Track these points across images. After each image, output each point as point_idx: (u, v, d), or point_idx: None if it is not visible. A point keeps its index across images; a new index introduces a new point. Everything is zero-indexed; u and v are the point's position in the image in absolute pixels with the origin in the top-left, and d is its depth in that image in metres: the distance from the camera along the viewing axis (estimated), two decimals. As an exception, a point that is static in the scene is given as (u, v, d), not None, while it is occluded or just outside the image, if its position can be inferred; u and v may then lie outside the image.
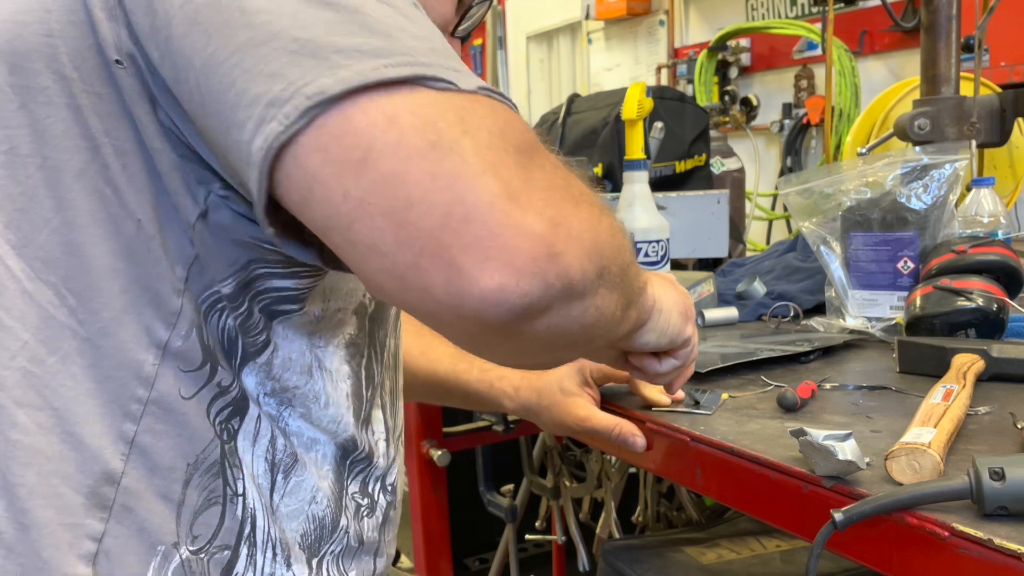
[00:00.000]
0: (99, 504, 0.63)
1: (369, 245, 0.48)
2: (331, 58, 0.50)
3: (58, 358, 0.62)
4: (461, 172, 0.47)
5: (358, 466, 0.76)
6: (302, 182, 0.49)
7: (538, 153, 0.53)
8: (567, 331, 0.55)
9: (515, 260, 0.47)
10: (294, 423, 0.70)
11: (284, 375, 0.69)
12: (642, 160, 1.25)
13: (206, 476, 0.66)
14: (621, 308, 0.62)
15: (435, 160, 0.47)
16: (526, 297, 0.48)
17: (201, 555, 0.65)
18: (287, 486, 0.70)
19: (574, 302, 0.53)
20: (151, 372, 0.63)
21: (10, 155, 0.62)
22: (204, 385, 0.65)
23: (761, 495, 0.79)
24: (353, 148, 0.48)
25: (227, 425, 0.67)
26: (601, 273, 0.54)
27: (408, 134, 0.48)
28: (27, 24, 0.61)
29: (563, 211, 0.51)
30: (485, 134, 0.49)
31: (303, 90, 0.49)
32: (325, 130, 0.48)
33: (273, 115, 0.49)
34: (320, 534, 0.72)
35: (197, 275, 0.63)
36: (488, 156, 0.48)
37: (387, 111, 0.48)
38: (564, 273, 0.50)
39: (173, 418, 0.64)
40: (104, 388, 0.63)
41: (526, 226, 0.48)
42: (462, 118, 0.49)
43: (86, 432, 0.63)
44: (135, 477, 0.63)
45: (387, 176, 0.47)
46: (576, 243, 0.51)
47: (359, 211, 0.48)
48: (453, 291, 0.48)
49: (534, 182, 0.50)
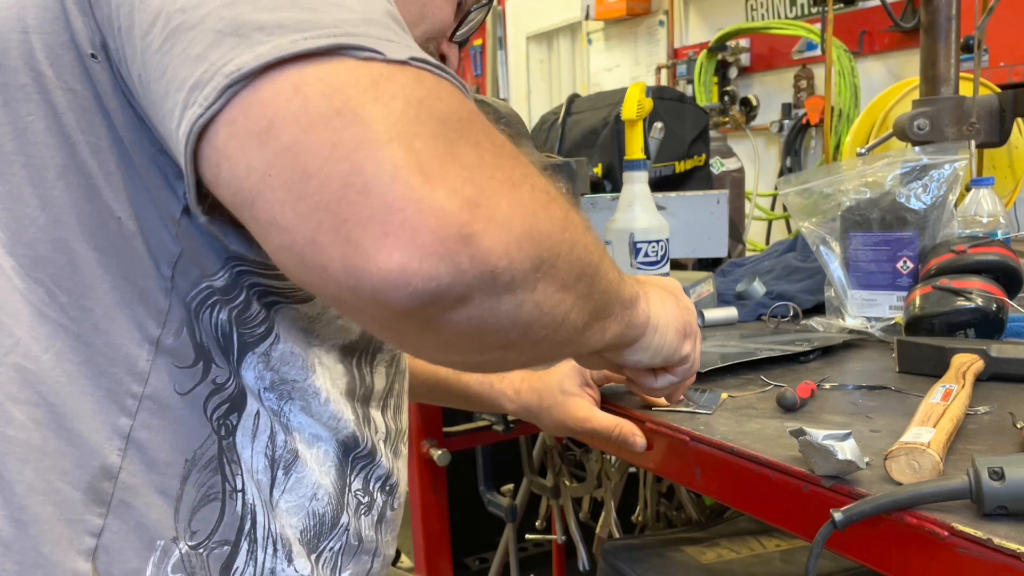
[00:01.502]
0: (97, 499, 0.63)
1: (270, 220, 0.46)
2: (252, 35, 0.48)
3: (52, 355, 0.62)
4: (364, 140, 0.44)
5: (360, 462, 0.76)
6: (212, 159, 0.48)
7: (471, 129, 0.48)
8: (497, 327, 0.50)
9: (417, 238, 0.44)
10: (296, 418, 0.70)
11: (283, 368, 0.68)
12: (642, 160, 1.25)
13: (204, 472, 0.66)
14: (582, 314, 0.58)
15: (337, 128, 0.44)
16: (432, 281, 0.44)
17: (200, 550, 0.66)
18: (288, 482, 0.70)
19: (502, 294, 0.48)
20: (145, 367, 0.63)
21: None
22: (199, 382, 0.65)
23: (761, 495, 0.79)
24: (258, 119, 0.46)
25: (225, 421, 0.66)
26: (538, 265, 0.50)
27: (312, 101, 0.45)
28: (4, 20, 0.61)
29: (488, 191, 0.46)
30: (400, 102, 0.46)
31: (222, 70, 0.47)
32: (235, 104, 0.47)
33: (195, 99, 0.48)
34: (320, 530, 0.72)
35: (183, 272, 0.63)
36: (399, 125, 0.45)
37: (295, 80, 0.46)
38: (481, 258, 0.45)
39: (169, 413, 0.64)
40: (99, 384, 0.63)
41: (434, 201, 0.44)
42: (376, 84, 0.46)
43: (82, 428, 0.63)
44: (132, 472, 0.63)
45: (288, 146, 0.45)
46: (500, 227, 0.46)
47: (260, 184, 0.45)
48: (349, 269, 0.44)
49: (456, 157, 0.46)
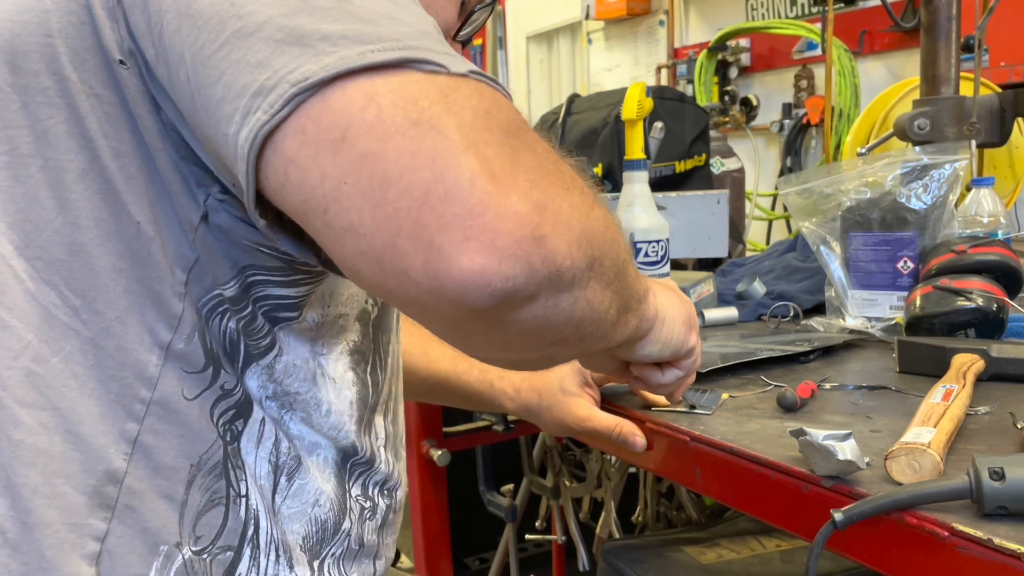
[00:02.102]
0: (102, 504, 0.63)
1: (346, 227, 0.47)
2: (317, 45, 0.49)
3: (61, 358, 0.62)
4: (442, 150, 0.46)
5: (358, 469, 0.76)
6: (279, 167, 0.49)
7: (528, 136, 0.51)
8: (555, 324, 0.53)
9: (497, 241, 0.46)
10: (295, 427, 0.70)
11: (286, 380, 0.69)
12: (642, 160, 1.25)
13: (209, 477, 0.66)
14: (616, 309, 0.60)
15: (415, 138, 0.46)
16: (509, 281, 0.47)
17: (204, 556, 0.65)
18: (290, 488, 0.70)
19: (563, 292, 0.51)
20: (154, 373, 0.63)
21: (12, 155, 0.62)
22: (207, 387, 0.65)
23: (761, 495, 0.79)
24: (331, 128, 0.47)
25: (230, 427, 0.66)
26: (591, 264, 0.52)
27: (387, 111, 0.46)
28: (27, 24, 0.61)
29: (551, 194, 0.49)
30: (469, 113, 0.48)
31: (287, 78, 0.48)
32: (303, 113, 0.48)
33: (258, 105, 0.49)
34: (322, 536, 0.73)
35: (197, 278, 0.63)
36: (471, 135, 0.47)
37: (367, 91, 0.47)
38: (550, 258, 0.48)
39: (176, 419, 0.64)
40: (107, 388, 0.63)
41: (509, 206, 0.46)
42: (445, 96, 0.48)
43: (89, 432, 0.63)
44: (138, 477, 0.63)
45: (365, 155, 0.46)
46: (564, 228, 0.49)
47: (336, 192, 0.47)
48: (431, 273, 0.46)
49: (520, 163, 0.48)
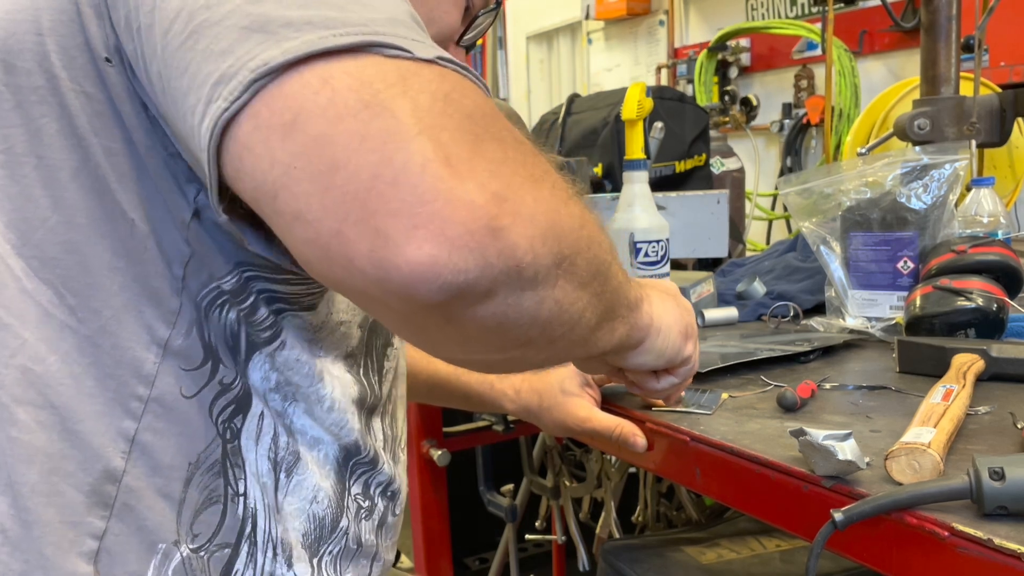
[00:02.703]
0: (100, 502, 0.63)
1: (294, 214, 0.45)
2: (279, 32, 0.48)
3: (58, 356, 0.62)
4: (393, 132, 0.44)
5: (360, 468, 0.76)
6: (234, 153, 0.47)
7: (495, 125, 0.49)
8: (518, 324, 0.50)
9: (446, 230, 0.43)
10: (299, 420, 0.70)
11: (288, 372, 0.69)
12: (642, 160, 1.25)
13: (207, 475, 0.66)
14: (595, 314, 0.58)
15: (365, 120, 0.44)
16: (461, 274, 0.44)
17: (201, 553, 0.66)
18: (289, 484, 0.70)
19: (525, 290, 0.48)
20: (152, 370, 0.63)
21: (8, 155, 0.62)
22: (206, 384, 0.65)
23: (761, 495, 0.79)
24: (283, 111, 0.45)
25: (230, 424, 0.66)
26: (559, 262, 0.50)
27: (340, 93, 0.45)
28: (20, 23, 0.61)
29: (514, 185, 0.46)
30: (427, 97, 0.46)
31: (248, 64, 0.47)
32: (259, 99, 0.47)
33: (219, 93, 0.48)
34: (320, 534, 0.72)
35: (194, 273, 0.63)
36: (426, 119, 0.45)
37: (323, 75, 0.46)
38: (508, 252, 0.45)
39: (174, 416, 0.64)
40: (105, 386, 0.63)
41: (463, 194, 0.44)
42: (404, 79, 0.46)
43: (87, 430, 0.62)
44: (136, 475, 0.63)
45: (315, 138, 0.44)
46: (526, 222, 0.46)
47: (285, 177, 0.45)
48: (377, 261, 0.44)
49: (482, 152, 0.46)
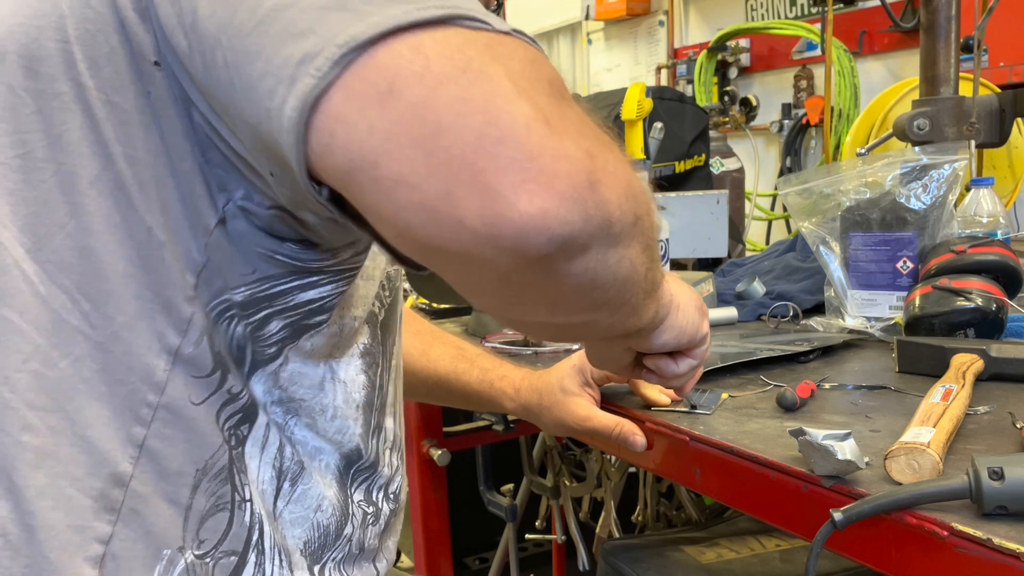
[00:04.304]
0: (107, 507, 0.63)
1: (396, 179, 0.45)
2: (361, 8, 0.48)
3: (70, 362, 0.62)
4: (494, 94, 0.45)
5: (361, 475, 0.76)
6: (324, 127, 0.47)
7: (568, 93, 0.51)
8: (603, 281, 0.52)
9: (555, 183, 0.45)
10: (299, 432, 0.70)
11: (291, 387, 0.69)
12: (642, 160, 1.25)
13: (215, 482, 0.66)
14: (648, 281, 0.60)
15: (465, 84, 0.45)
16: (567, 226, 0.45)
17: (206, 560, 0.66)
18: (293, 493, 0.70)
19: (612, 247, 0.50)
20: (162, 378, 0.63)
21: (26, 159, 0.62)
22: (214, 391, 0.65)
23: (761, 495, 0.79)
24: (377, 81, 0.45)
25: (236, 431, 0.67)
26: (636, 220, 0.51)
27: (435, 61, 0.45)
28: (43, 29, 0.61)
29: (597, 146, 0.48)
30: (517, 63, 0.47)
31: (334, 40, 0.47)
32: (350, 72, 0.46)
33: (305, 71, 0.47)
34: (323, 542, 0.73)
35: (206, 283, 0.63)
36: (520, 82, 0.46)
37: (413, 44, 0.46)
38: (603, 205, 0.47)
39: (183, 423, 0.64)
40: (115, 392, 0.63)
41: (565, 150, 0.45)
42: (491, 47, 0.47)
43: (96, 435, 0.63)
44: (144, 481, 0.63)
45: (415, 104, 0.44)
46: (613, 178, 0.48)
47: (386, 144, 0.45)
48: (489, 218, 0.44)
49: (568, 115, 0.48)
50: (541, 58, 0.51)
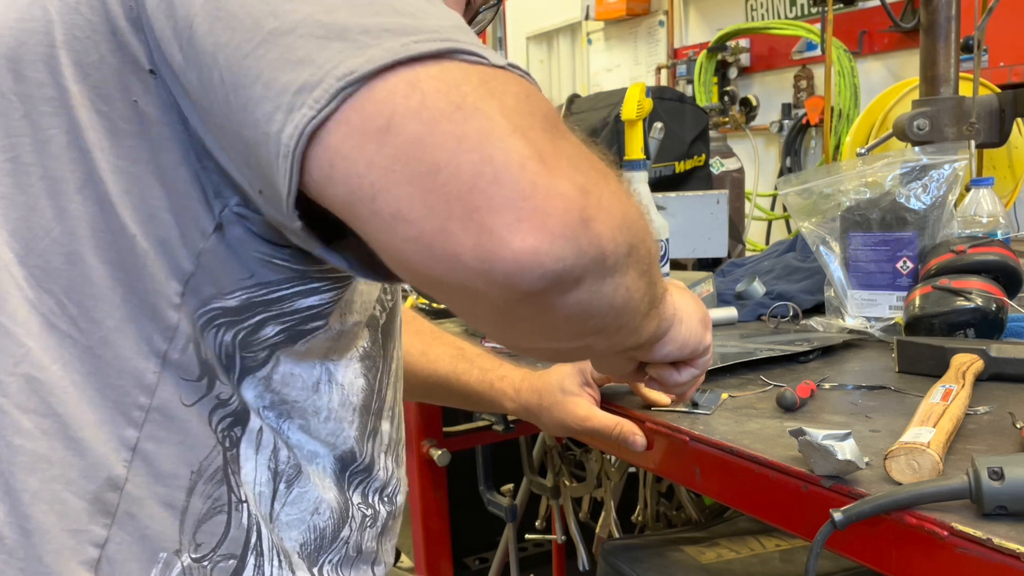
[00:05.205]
0: (102, 510, 0.63)
1: (394, 214, 0.46)
2: (359, 39, 0.49)
3: (60, 365, 0.62)
4: (489, 132, 0.46)
5: (357, 477, 0.76)
6: (323, 159, 0.48)
7: (563, 125, 0.52)
8: (597, 310, 0.53)
9: (548, 222, 0.46)
10: (294, 436, 0.70)
11: (283, 389, 0.69)
12: (642, 160, 1.25)
13: (210, 484, 0.66)
14: (647, 301, 0.60)
15: (460, 121, 0.46)
16: (560, 262, 0.46)
17: (204, 563, 0.65)
18: (289, 495, 0.70)
19: (606, 277, 0.51)
20: (152, 380, 0.63)
21: (15, 163, 0.62)
22: (204, 395, 0.65)
23: (760, 495, 0.79)
24: (375, 116, 0.47)
25: (229, 433, 0.66)
26: (631, 250, 0.52)
27: (431, 97, 0.46)
28: (32, 32, 0.61)
29: (592, 179, 0.49)
30: (512, 98, 0.48)
31: (333, 72, 0.47)
32: (349, 106, 0.47)
33: (303, 101, 0.48)
34: (319, 544, 0.72)
35: (194, 291, 0.63)
36: (515, 118, 0.47)
37: (410, 79, 0.47)
38: (596, 241, 0.48)
39: (175, 425, 0.64)
40: (106, 395, 0.63)
41: (558, 188, 0.46)
42: (486, 82, 0.48)
43: (89, 438, 0.63)
44: (138, 484, 0.63)
45: (411, 141, 0.46)
46: (607, 212, 0.49)
47: (384, 180, 0.46)
48: (483, 255, 0.46)
49: (562, 149, 0.49)
50: (536, 92, 0.51)
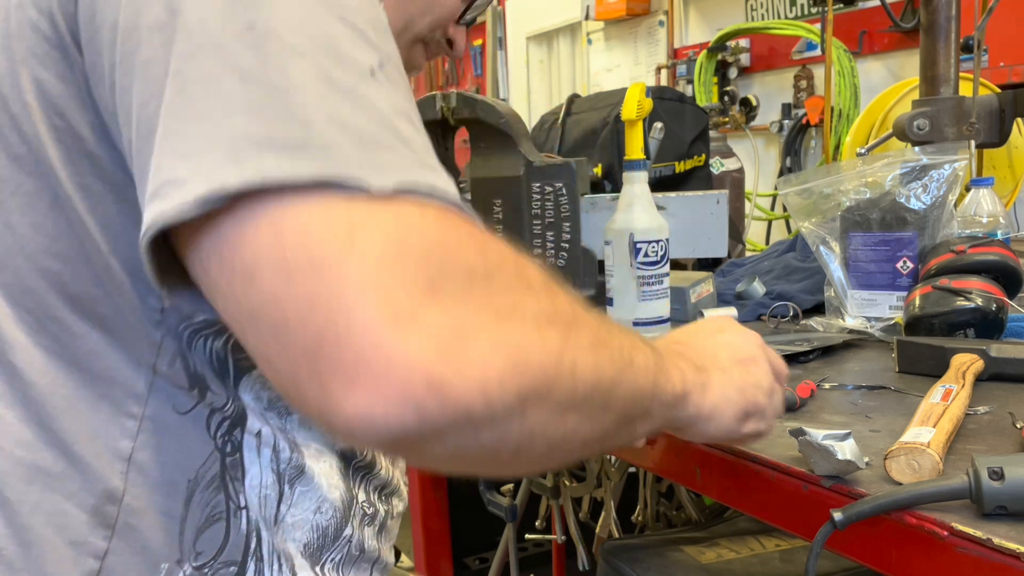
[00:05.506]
0: (102, 522, 0.63)
1: (259, 353, 0.48)
2: (239, 147, 0.47)
3: (48, 380, 0.62)
4: (339, 293, 0.44)
5: (360, 472, 0.76)
6: (203, 277, 0.49)
7: (459, 259, 0.48)
8: (481, 454, 0.49)
9: (383, 388, 0.44)
10: (300, 434, 0.70)
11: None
12: (642, 160, 1.25)
13: (207, 491, 0.65)
14: (596, 427, 0.55)
15: (315, 281, 0.45)
16: (397, 426, 0.45)
17: (205, 571, 0.65)
18: (293, 496, 0.70)
19: (480, 429, 0.47)
20: (144, 390, 0.63)
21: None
22: (198, 403, 0.65)
23: (761, 495, 0.79)
24: (243, 263, 0.47)
25: (229, 438, 0.66)
26: (524, 397, 0.48)
27: (290, 252, 0.45)
28: None
29: (468, 330, 0.46)
30: (378, 247, 0.45)
31: (202, 176, 0.47)
32: (221, 234, 0.47)
33: (167, 192, 0.47)
34: (322, 543, 0.72)
35: (175, 307, 0.62)
36: (374, 274, 0.45)
37: (276, 225, 0.46)
38: (452, 403, 0.45)
39: (170, 433, 0.64)
40: (97, 407, 0.63)
41: (403, 351, 0.44)
42: (352, 229, 0.46)
43: (84, 451, 0.62)
44: (136, 495, 0.63)
45: (269, 296, 0.46)
46: (476, 368, 0.45)
47: (250, 323, 0.47)
48: (324, 412, 0.46)
49: (436, 298, 0.45)
50: (421, 225, 0.47)
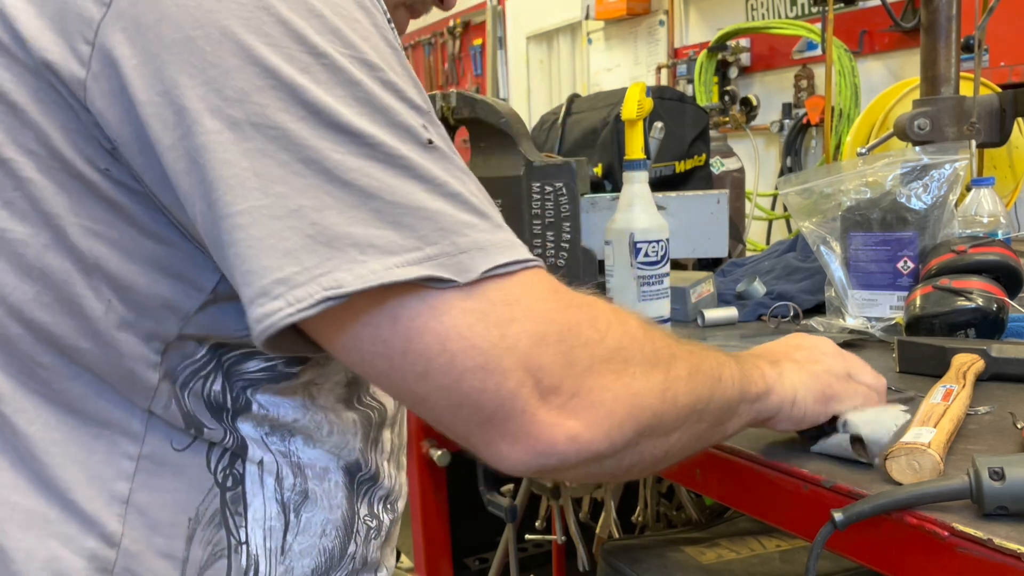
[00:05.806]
0: (101, 568, 0.62)
1: (435, 419, 0.58)
2: (347, 251, 0.52)
3: (39, 427, 0.62)
4: (502, 383, 0.54)
5: (364, 486, 0.75)
6: (363, 367, 0.57)
7: (578, 327, 0.57)
8: (601, 476, 0.65)
9: (538, 447, 0.56)
10: (304, 454, 0.69)
11: (278, 411, 0.67)
12: (642, 160, 1.25)
13: (208, 528, 0.65)
14: (692, 437, 0.66)
15: (482, 378, 0.54)
16: (545, 467, 0.58)
17: None
18: (300, 524, 0.69)
19: (604, 461, 0.59)
20: (140, 429, 0.63)
21: None
22: (195, 439, 0.64)
23: (761, 495, 0.79)
24: (415, 364, 0.55)
25: (231, 471, 0.66)
26: (640, 433, 0.60)
27: (458, 357, 0.54)
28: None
29: (596, 390, 0.57)
30: (525, 341, 0.55)
31: (320, 279, 0.51)
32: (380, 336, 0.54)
33: (280, 293, 0.51)
34: (329, 565, 0.72)
35: (177, 350, 0.62)
36: (525, 363, 0.55)
37: (439, 333, 0.54)
38: (585, 450, 0.57)
39: (168, 471, 0.63)
40: (92, 449, 0.62)
41: (552, 420, 0.56)
42: (500, 326, 0.55)
43: (79, 497, 0.62)
44: (134, 538, 0.62)
45: (443, 387, 0.55)
46: (603, 420, 0.57)
47: (422, 402, 0.57)
48: (490, 458, 0.59)
49: (571, 367, 0.56)
50: (543, 305, 0.57)
